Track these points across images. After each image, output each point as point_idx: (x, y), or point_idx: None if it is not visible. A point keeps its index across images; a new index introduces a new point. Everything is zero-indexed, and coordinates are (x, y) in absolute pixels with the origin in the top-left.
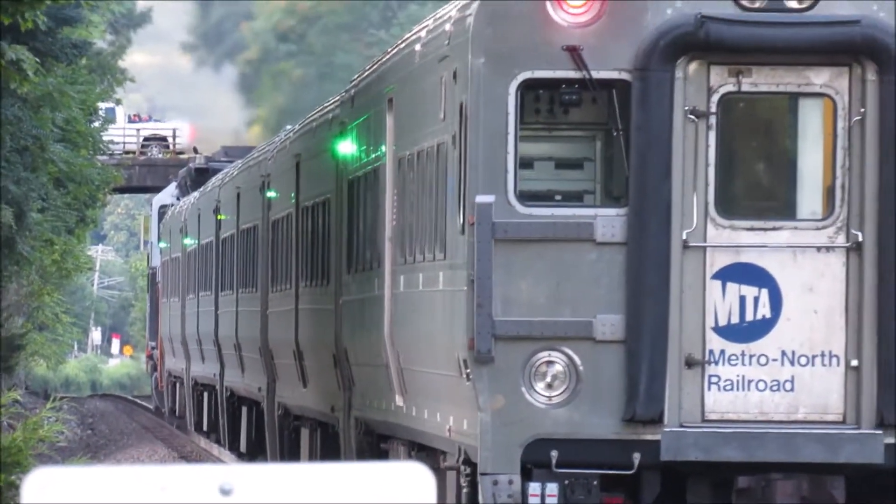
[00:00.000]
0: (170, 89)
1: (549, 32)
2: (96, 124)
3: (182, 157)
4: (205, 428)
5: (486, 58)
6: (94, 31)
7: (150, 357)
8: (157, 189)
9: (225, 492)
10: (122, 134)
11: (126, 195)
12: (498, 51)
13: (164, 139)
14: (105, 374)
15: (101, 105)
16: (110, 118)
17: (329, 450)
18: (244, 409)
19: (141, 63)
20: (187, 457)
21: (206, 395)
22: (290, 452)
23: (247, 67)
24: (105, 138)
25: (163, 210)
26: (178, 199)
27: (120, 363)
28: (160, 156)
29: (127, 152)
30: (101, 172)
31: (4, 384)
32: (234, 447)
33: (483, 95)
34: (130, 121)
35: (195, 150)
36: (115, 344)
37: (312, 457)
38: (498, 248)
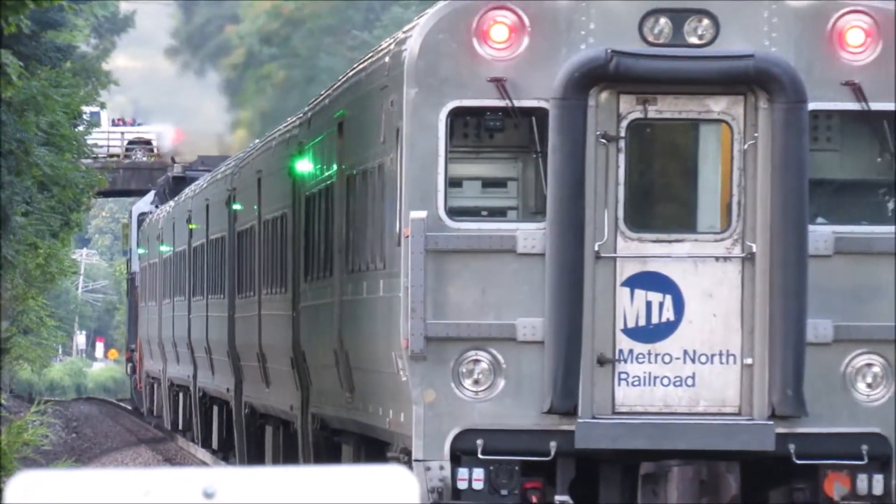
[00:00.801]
0: (154, 93)
1: (476, 65)
2: (80, 128)
3: (166, 160)
4: (180, 427)
5: (419, 88)
6: (79, 35)
7: (129, 359)
8: (141, 192)
9: (208, 495)
10: (106, 137)
11: (110, 199)
12: (429, 82)
13: (148, 143)
14: (90, 378)
15: (86, 109)
16: (95, 122)
17: (290, 446)
18: (215, 409)
19: (125, 67)
20: (171, 460)
21: (181, 395)
22: (256, 449)
23: (231, 71)
24: (89, 142)
25: (142, 217)
26: (156, 206)
27: (104, 367)
28: (144, 159)
29: (111, 156)
30: (86, 176)
31: None
32: (206, 444)
33: (416, 122)
34: (115, 124)
35: (173, 160)
36: (100, 347)
37: (276, 452)
38: (429, 258)
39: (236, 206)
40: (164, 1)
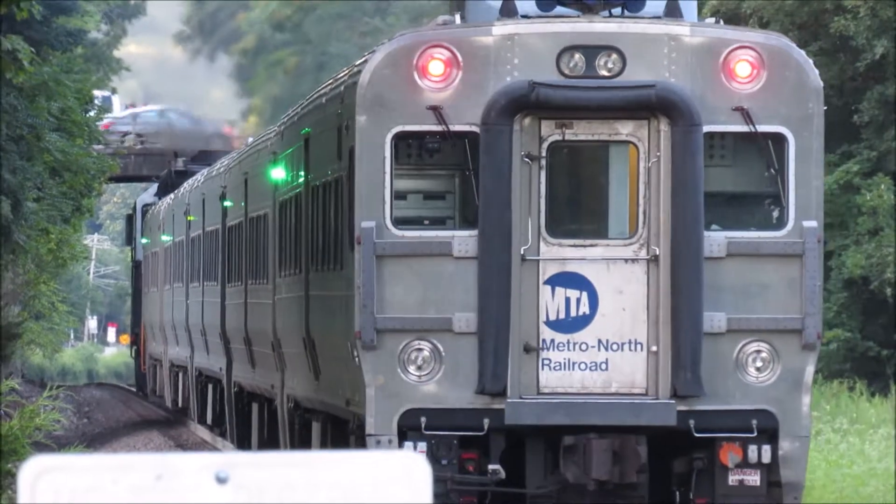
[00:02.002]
0: (164, 79)
1: (417, 95)
2: (92, 113)
3: (177, 147)
4: (179, 404)
5: (368, 115)
6: (90, 21)
7: (133, 342)
8: (152, 178)
9: (221, 480)
10: (120, 122)
11: (122, 184)
12: (377, 110)
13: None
14: (101, 363)
15: (98, 93)
16: (106, 107)
17: (274, 422)
18: (210, 387)
19: (135, 53)
20: (183, 445)
21: (180, 375)
22: (244, 424)
23: (242, 57)
24: (113, 129)
25: (145, 208)
26: (158, 198)
27: (116, 352)
28: (156, 145)
29: (125, 134)
30: (97, 161)
31: (1, 373)
32: (202, 420)
33: (366, 144)
34: (126, 109)
35: (175, 155)
36: (112, 332)
37: (261, 427)
38: (378, 261)
39: (227, 203)
40: None
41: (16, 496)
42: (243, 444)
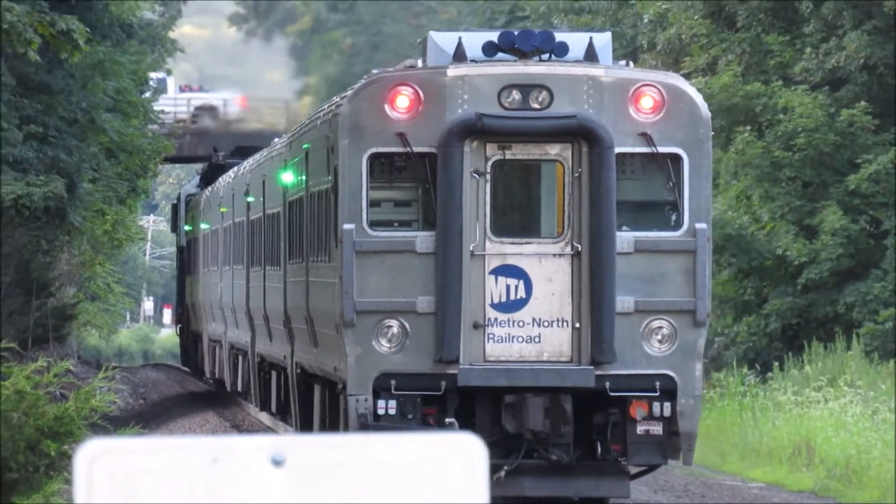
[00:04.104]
0: (219, 61)
1: (387, 123)
2: (147, 94)
3: (231, 127)
4: (216, 374)
5: (348, 139)
6: (143, 5)
7: (177, 321)
8: (207, 159)
9: (277, 462)
10: (173, 104)
11: (177, 165)
12: (355, 135)
13: (214, 109)
14: (157, 344)
15: (153, 75)
16: (161, 88)
17: (285, 384)
18: (239, 358)
19: (190, 35)
20: (238, 426)
21: (216, 348)
22: (264, 388)
23: (298, 38)
24: (156, 108)
25: (188, 198)
26: (200, 189)
27: (172, 333)
28: (211, 125)
29: (178, 121)
30: (153, 142)
31: (57, 354)
32: (233, 388)
33: (347, 162)
34: (181, 90)
35: (214, 150)
36: (167, 314)
37: (279, 391)
38: (356, 256)
39: (250, 199)
40: None
41: (71, 478)
42: (266, 406)
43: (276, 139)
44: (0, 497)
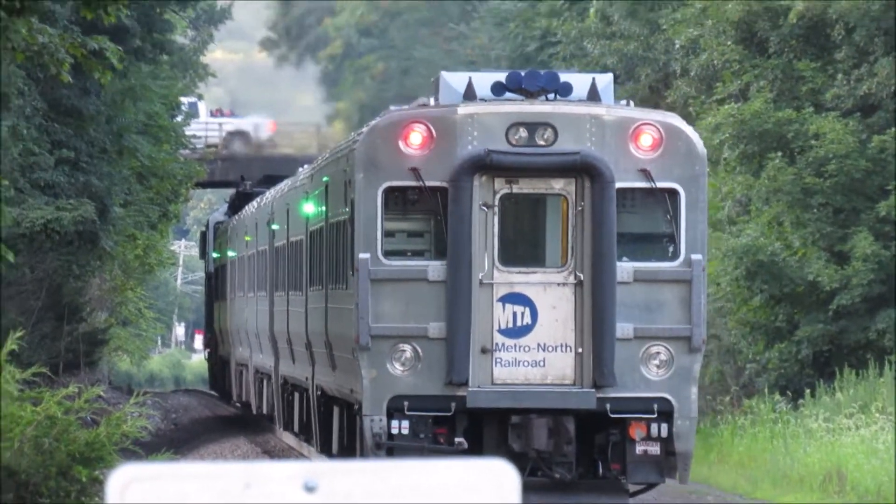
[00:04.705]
0: (250, 85)
1: (400, 158)
2: (178, 119)
3: (263, 152)
4: (243, 398)
5: (364, 173)
6: (176, 29)
7: (206, 345)
8: (237, 184)
9: (309, 489)
10: (204, 128)
11: (209, 190)
12: (371, 170)
13: (245, 133)
14: (188, 370)
15: (184, 100)
16: (193, 113)
17: (307, 406)
18: (264, 381)
19: (222, 59)
20: (270, 452)
21: (243, 372)
22: (288, 409)
23: (329, 63)
24: (188, 133)
25: (217, 226)
26: (228, 217)
27: (203, 358)
28: (242, 150)
29: (209, 146)
30: (184, 167)
31: (88, 379)
32: (259, 410)
33: (363, 195)
34: (213, 115)
35: (242, 178)
36: (199, 339)
37: (301, 412)
38: (372, 284)
39: (274, 227)
40: None
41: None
42: (289, 427)
43: (301, 168)
44: None
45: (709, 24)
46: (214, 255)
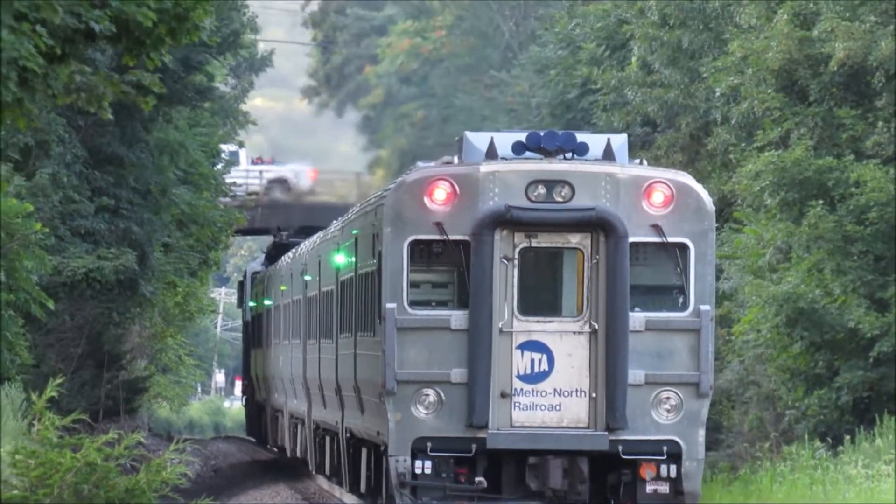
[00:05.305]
0: (291, 133)
1: (425, 214)
2: (219, 167)
3: (303, 199)
4: (279, 442)
5: (391, 227)
6: (217, 76)
7: (244, 392)
8: (280, 229)
9: None
10: (245, 176)
11: (249, 237)
12: (398, 224)
13: (285, 181)
14: (228, 416)
15: (225, 147)
16: (234, 160)
17: (337, 448)
18: (298, 426)
19: (262, 107)
20: (310, 499)
21: (278, 417)
22: (320, 452)
23: (370, 110)
24: (228, 180)
25: (254, 276)
26: (265, 267)
27: (242, 405)
28: (282, 198)
29: (250, 194)
30: (224, 214)
31: (128, 426)
32: (293, 454)
33: (390, 248)
34: (253, 163)
35: (278, 229)
36: (239, 386)
37: (332, 454)
38: (398, 332)
39: (307, 278)
40: (302, 42)
41: None
42: (321, 469)
43: (334, 222)
44: None
45: (749, 73)
46: (251, 303)
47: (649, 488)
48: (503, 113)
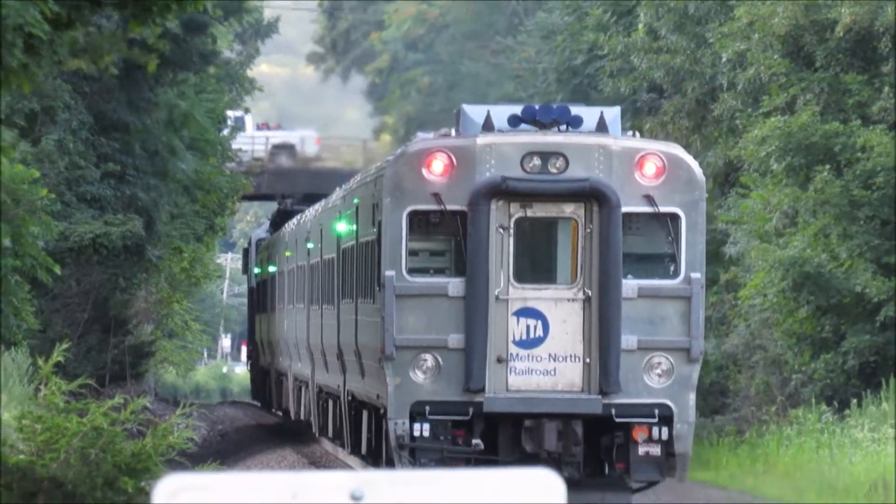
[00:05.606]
0: (297, 99)
1: (424, 184)
2: (225, 132)
3: (308, 165)
4: (283, 405)
5: (390, 198)
6: (222, 42)
7: (249, 356)
8: (286, 195)
9: (356, 497)
10: (250, 142)
11: (255, 203)
12: (396, 194)
13: (292, 147)
14: (234, 381)
15: (231, 113)
16: (239, 126)
17: (340, 412)
18: (302, 389)
19: (268, 73)
20: (317, 462)
21: (282, 381)
22: (323, 415)
23: (376, 77)
24: (234, 146)
25: (259, 242)
26: (270, 234)
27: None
28: (289, 164)
29: (255, 160)
30: (230, 180)
31: (134, 391)
32: (297, 416)
33: (389, 217)
34: (258, 129)
35: (283, 197)
36: (245, 351)
37: (335, 417)
38: (397, 299)
39: (310, 245)
40: (308, 8)
41: None
42: (324, 431)
43: (337, 190)
44: None
45: (755, 38)
46: (256, 270)
47: (641, 450)
48: (509, 79)
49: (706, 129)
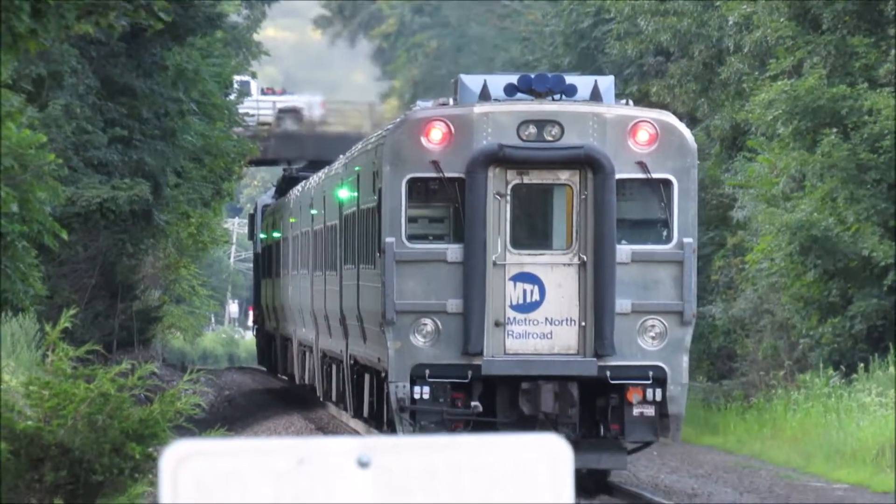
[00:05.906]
0: (304, 63)
1: (422, 152)
2: (232, 97)
3: (315, 130)
4: (288, 370)
5: (390, 166)
6: (229, 6)
7: (255, 322)
8: (291, 161)
9: (363, 464)
10: (256, 106)
11: (262, 168)
12: (396, 162)
13: (298, 111)
14: (242, 347)
15: (237, 78)
16: (245, 91)
17: (343, 376)
18: (307, 354)
19: (274, 37)
20: (324, 428)
21: (287, 346)
22: (327, 379)
23: (383, 41)
24: (240, 111)
25: (264, 208)
26: (275, 200)
27: (254, 335)
28: (295, 128)
29: (262, 124)
30: (237, 145)
31: (141, 356)
32: (302, 380)
33: (388, 185)
34: (263, 93)
35: (288, 162)
36: (252, 317)
37: (338, 381)
38: (396, 265)
39: (314, 211)
40: None
41: (157, 480)
42: (328, 395)
43: (340, 157)
44: (86, 499)
45: (762, 1)
46: (262, 235)
47: (636, 411)
48: (516, 42)
49: (713, 92)
